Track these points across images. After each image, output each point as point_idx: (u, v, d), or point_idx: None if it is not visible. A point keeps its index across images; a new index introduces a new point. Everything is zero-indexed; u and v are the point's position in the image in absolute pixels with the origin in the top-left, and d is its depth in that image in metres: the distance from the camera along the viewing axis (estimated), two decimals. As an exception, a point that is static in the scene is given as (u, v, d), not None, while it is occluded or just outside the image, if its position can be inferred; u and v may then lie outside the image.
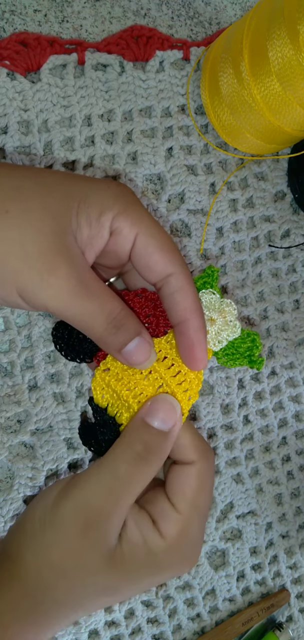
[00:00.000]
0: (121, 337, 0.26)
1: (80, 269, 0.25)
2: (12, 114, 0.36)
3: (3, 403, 0.37)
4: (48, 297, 0.24)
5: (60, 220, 0.25)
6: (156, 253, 0.27)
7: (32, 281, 0.24)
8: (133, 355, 0.27)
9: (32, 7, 0.38)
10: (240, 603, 0.46)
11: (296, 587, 0.48)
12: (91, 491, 0.27)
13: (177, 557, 0.29)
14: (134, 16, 0.41)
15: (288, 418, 0.48)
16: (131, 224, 0.26)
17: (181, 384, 0.30)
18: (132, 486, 0.27)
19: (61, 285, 0.24)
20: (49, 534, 0.27)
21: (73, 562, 0.27)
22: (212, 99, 0.40)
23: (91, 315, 0.25)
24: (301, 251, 0.48)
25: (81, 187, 0.26)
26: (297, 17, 0.32)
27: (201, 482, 0.29)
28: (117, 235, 0.26)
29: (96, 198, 0.26)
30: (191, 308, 0.27)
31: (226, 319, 0.30)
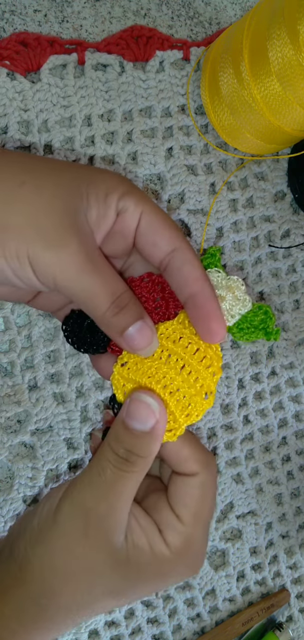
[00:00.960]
0: (123, 319, 0.27)
1: (89, 247, 0.26)
2: (12, 114, 0.37)
3: (3, 403, 0.37)
4: (58, 271, 0.25)
5: (71, 199, 0.26)
6: (160, 229, 0.27)
7: (44, 254, 0.25)
8: (135, 339, 0.27)
9: (32, 7, 0.38)
10: (240, 603, 0.46)
11: (296, 587, 0.48)
12: (86, 494, 0.27)
13: (182, 565, 0.29)
14: (134, 16, 0.41)
15: (288, 418, 0.48)
16: (136, 203, 0.27)
17: (203, 360, 0.29)
18: (121, 489, 0.27)
19: (71, 259, 0.25)
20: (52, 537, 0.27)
21: (77, 565, 0.27)
22: (212, 99, 0.40)
23: (96, 292, 0.26)
24: (301, 251, 0.48)
25: (87, 171, 0.27)
26: (297, 17, 0.32)
27: (204, 493, 0.29)
28: (123, 213, 0.27)
29: (103, 180, 0.27)
30: (201, 279, 0.28)
31: (236, 294, 0.30)
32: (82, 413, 0.39)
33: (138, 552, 0.27)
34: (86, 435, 0.40)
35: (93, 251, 0.26)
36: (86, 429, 0.39)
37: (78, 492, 0.28)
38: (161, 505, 0.29)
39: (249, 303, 0.30)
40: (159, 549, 0.28)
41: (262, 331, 0.30)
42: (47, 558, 0.27)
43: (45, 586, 0.27)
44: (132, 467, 0.27)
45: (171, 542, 0.28)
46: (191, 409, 0.29)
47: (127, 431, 0.27)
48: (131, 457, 0.27)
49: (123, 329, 0.27)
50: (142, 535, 0.28)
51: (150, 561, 0.28)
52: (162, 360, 0.29)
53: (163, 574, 0.28)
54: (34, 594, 0.27)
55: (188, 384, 0.29)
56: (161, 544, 0.28)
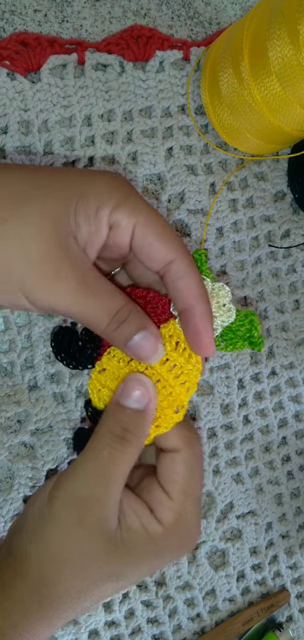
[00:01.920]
0: (124, 332, 0.27)
1: (81, 269, 0.26)
2: (12, 114, 0.36)
3: (3, 403, 0.37)
4: (53, 300, 0.25)
5: (59, 224, 0.25)
6: (155, 241, 0.27)
7: (36, 286, 0.25)
8: (139, 348, 0.27)
9: (32, 7, 0.38)
10: (240, 603, 0.46)
11: (296, 587, 0.48)
12: (79, 480, 0.28)
13: (176, 541, 0.30)
14: (134, 16, 0.41)
15: (288, 418, 0.48)
16: (128, 216, 0.26)
17: (179, 377, 0.29)
18: (117, 468, 0.28)
19: (64, 287, 0.25)
20: (48, 529, 0.28)
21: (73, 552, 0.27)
22: (212, 99, 0.40)
23: (94, 313, 0.26)
24: (301, 251, 0.48)
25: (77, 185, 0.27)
26: (297, 17, 0.32)
27: (189, 469, 0.30)
28: (116, 228, 0.26)
29: (93, 194, 0.26)
30: (195, 294, 0.28)
31: (219, 303, 0.29)
32: (82, 413, 0.39)
33: (132, 534, 0.28)
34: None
35: (86, 273, 0.26)
36: (86, 429, 0.40)
37: (71, 481, 0.28)
38: (151, 486, 0.30)
39: (234, 313, 0.30)
40: (152, 528, 0.28)
41: (247, 341, 0.30)
42: (43, 549, 0.27)
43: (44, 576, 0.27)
44: (127, 446, 0.28)
45: (162, 519, 0.29)
46: (161, 421, 0.30)
47: (123, 410, 0.28)
48: (127, 435, 0.28)
49: (126, 340, 0.27)
50: (135, 517, 0.28)
51: (144, 541, 0.28)
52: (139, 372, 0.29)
53: (158, 551, 0.29)
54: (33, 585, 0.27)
55: (161, 397, 0.29)
56: (154, 522, 0.28)
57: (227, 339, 0.30)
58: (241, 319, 0.30)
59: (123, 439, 0.28)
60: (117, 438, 0.28)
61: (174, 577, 0.43)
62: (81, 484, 0.28)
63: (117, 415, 0.28)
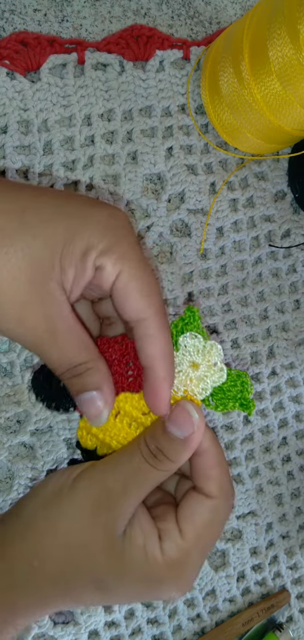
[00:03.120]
0: (76, 385, 0.28)
1: (54, 318, 0.26)
2: (11, 114, 0.36)
3: (3, 403, 0.37)
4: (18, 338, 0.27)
5: (40, 268, 0.26)
6: (131, 296, 0.27)
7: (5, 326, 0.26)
8: (84, 405, 0.28)
9: (32, 6, 0.38)
10: (240, 603, 0.46)
11: (296, 587, 0.48)
12: (107, 473, 0.28)
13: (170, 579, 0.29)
14: (134, 16, 0.41)
15: (288, 418, 0.48)
16: (114, 262, 0.26)
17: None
18: (143, 479, 0.28)
19: (28, 333, 0.26)
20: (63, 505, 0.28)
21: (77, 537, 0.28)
22: (212, 99, 0.40)
23: (53, 360, 0.27)
24: (301, 251, 0.48)
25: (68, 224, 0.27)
26: (297, 17, 0.32)
27: (214, 519, 0.30)
28: (100, 270, 0.27)
29: (83, 236, 0.26)
30: (158, 356, 0.28)
31: (210, 362, 0.29)
32: (82, 413, 0.39)
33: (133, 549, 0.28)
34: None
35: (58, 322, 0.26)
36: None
37: (99, 472, 0.29)
38: (167, 516, 0.30)
39: (225, 374, 0.29)
40: (152, 553, 0.28)
41: (238, 402, 0.30)
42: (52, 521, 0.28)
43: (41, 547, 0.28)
44: (158, 464, 0.28)
45: (166, 551, 0.28)
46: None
47: (165, 433, 0.28)
48: (160, 455, 0.28)
49: (77, 392, 0.28)
50: (141, 535, 0.28)
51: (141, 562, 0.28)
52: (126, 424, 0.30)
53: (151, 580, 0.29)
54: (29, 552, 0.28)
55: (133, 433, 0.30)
56: (156, 549, 0.28)
57: (217, 398, 0.30)
58: (232, 380, 0.30)
59: (157, 458, 0.28)
60: (152, 455, 0.28)
61: (174, 577, 0.43)
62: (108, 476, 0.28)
63: (156, 435, 0.29)
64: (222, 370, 0.29)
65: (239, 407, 0.30)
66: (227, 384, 0.30)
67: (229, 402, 0.30)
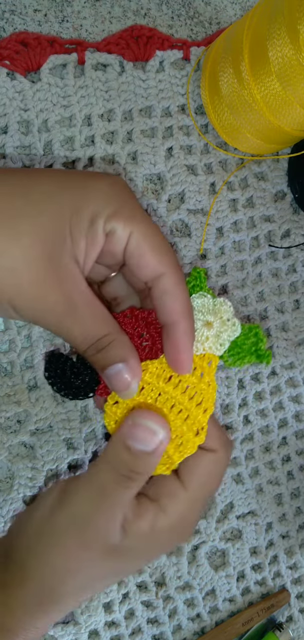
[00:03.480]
0: (102, 360, 0.27)
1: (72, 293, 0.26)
2: (12, 114, 0.36)
3: (3, 403, 0.37)
4: (40, 319, 0.26)
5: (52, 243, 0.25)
6: (147, 253, 0.27)
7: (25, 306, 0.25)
8: (112, 379, 0.27)
9: (32, 6, 0.38)
10: (240, 603, 0.46)
11: (296, 587, 0.48)
12: (82, 500, 0.28)
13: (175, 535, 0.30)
14: (134, 16, 0.41)
15: (288, 418, 0.48)
16: (124, 224, 0.26)
17: (193, 397, 0.29)
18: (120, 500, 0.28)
19: (50, 311, 0.26)
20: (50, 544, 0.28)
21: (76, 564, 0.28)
22: (212, 99, 0.40)
23: (75, 337, 0.27)
24: (301, 251, 0.48)
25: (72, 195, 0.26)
26: (297, 17, 0.32)
27: (216, 470, 0.30)
28: (111, 235, 0.26)
29: (88, 205, 0.26)
30: (179, 311, 0.27)
31: (223, 318, 0.29)
32: (82, 413, 0.39)
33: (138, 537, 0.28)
34: (86, 435, 0.40)
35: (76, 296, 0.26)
36: (86, 429, 0.39)
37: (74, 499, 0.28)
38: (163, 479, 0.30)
39: (238, 326, 0.29)
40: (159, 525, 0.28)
41: (254, 355, 0.30)
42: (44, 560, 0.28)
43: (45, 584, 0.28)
44: (132, 482, 0.28)
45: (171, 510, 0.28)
46: (183, 447, 0.29)
47: (129, 452, 0.27)
48: (132, 474, 0.27)
49: (102, 367, 0.27)
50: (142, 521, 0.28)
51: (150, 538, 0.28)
52: (153, 400, 0.29)
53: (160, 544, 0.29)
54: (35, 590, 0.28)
55: (180, 422, 0.29)
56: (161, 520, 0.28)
57: (234, 354, 0.30)
58: (246, 333, 0.30)
59: (128, 477, 0.27)
60: (122, 477, 0.27)
61: (174, 577, 0.43)
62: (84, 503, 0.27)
63: (122, 455, 0.28)
64: (235, 324, 0.29)
65: (256, 358, 0.30)
66: (241, 338, 0.30)
67: (245, 355, 0.30)
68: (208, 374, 0.29)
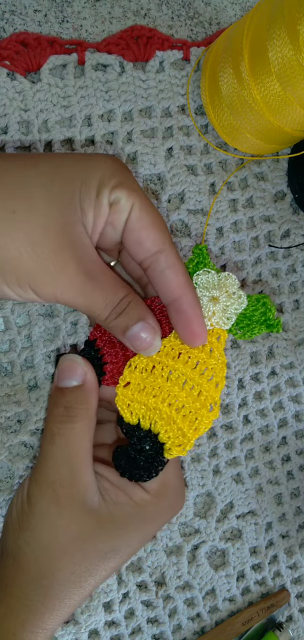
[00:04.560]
0: (123, 322, 0.28)
1: (87, 262, 0.26)
2: (12, 114, 0.37)
3: (3, 403, 0.37)
4: (60, 292, 0.26)
5: (65, 215, 0.26)
6: (148, 227, 0.27)
7: (44, 280, 0.25)
8: (136, 338, 0.28)
9: (32, 7, 0.38)
10: (240, 603, 0.46)
11: (296, 587, 0.48)
12: (46, 468, 0.29)
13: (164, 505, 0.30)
14: (134, 16, 0.41)
15: (288, 418, 0.48)
16: (128, 195, 0.27)
17: (204, 373, 0.29)
18: (74, 444, 0.28)
19: (71, 281, 0.26)
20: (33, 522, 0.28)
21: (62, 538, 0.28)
22: (212, 99, 0.40)
23: (96, 306, 0.27)
24: (301, 251, 0.48)
25: (79, 168, 0.27)
26: (297, 17, 0.32)
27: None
28: (115, 205, 0.27)
29: (95, 176, 0.27)
30: (183, 284, 0.28)
31: (229, 292, 0.29)
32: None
33: (120, 508, 0.29)
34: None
35: (92, 265, 0.26)
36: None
37: (40, 471, 0.29)
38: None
39: (245, 298, 0.29)
40: (139, 497, 0.29)
41: (264, 324, 0.29)
42: (35, 541, 0.28)
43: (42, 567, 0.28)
44: (75, 421, 0.28)
45: (148, 487, 0.29)
46: (198, 423, 0.29)
47: (62, 392, 0.29)
48: (71, 410, 0.28)
49: (124, 329, 0.28)
50: (119, 490, 0.29)
51: (134, 511, 0.29)
52: (164, 378, 0.29)
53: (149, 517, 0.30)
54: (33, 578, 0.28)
55: (192, 399, 0.28)
56: (140, 492, 0.29)
57: (243, 326, 0.30)
58: (253, 304, 0.29)
59: (68, 416, 0.28)
60: (63, 418, 0.28)
61: (174, 577, 0.43)
62: (48, 471, 0.28)
63: (58, 399, 0.29)
64: (242, 296, 0.29)
65: (266, 328, 0.30)
66: (249, 310, 0.29)
67: (255, 326, 0.29)
68: (217, 348, 0.29)
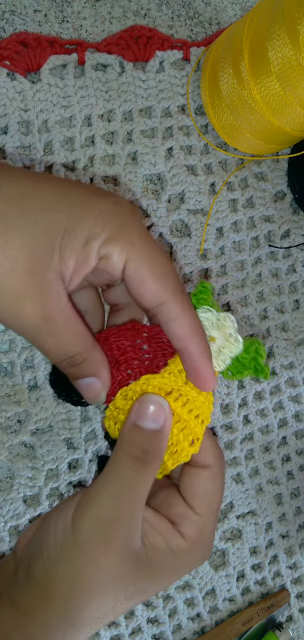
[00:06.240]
0: (74, 374, 0.28)
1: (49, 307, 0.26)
2: (12, 114, 0.37)
3: (3, 403, 0.37)
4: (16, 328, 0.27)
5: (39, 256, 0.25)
6: (147, 280, 0.26)
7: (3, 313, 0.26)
8: (82, 389, 0.29)
9: (32, 7, 0.38)
10: (240, 603, 0.46)
11: (296, 587, 0.48)
12: (103, 505, 0.28)
13: (197, 555, 0.30)
14: (134, 16, 0.41)
15: (288, 418, 0.48)
16: (121, 250, 0.26)
17: (192, 411, 0.29)
18: (140, 489, 0.28)
19: (25, 322, 0.26)
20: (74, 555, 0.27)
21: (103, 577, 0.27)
22: (212, 99, 0.40)
23: (49, 349, 0.27)
24: (301, 251, 0.48)
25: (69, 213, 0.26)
26: (297, 17, 0.32)
27: (216, 485, 0.30)
28: (107, 259, 0.26)
29: (84, 225, 0.26)
30: (188, 335, 0.27)
31: (226, 334, 0.29)
32: (82, 413, 0.39)
33: (157, 554, 0.28)
34: (86, 435, 0.40)
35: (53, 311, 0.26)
36: (86, 429, 0.39)
37: (96, 506, 0.28)
38: (173, 500, 0.30)
39: (241, 343, 0.29)
40: (176, 544, 0.29)
41: (252, 369, 0.30)
42: (71, 575, 0.27)
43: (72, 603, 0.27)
44: (147, 467, 0.28)
45: (186, 533, 0.29)
46: (177, 455, 0.30)
47: (140, 432, 0.28)
48: (147, 456, 0.28)
49: (75, 378, 0.28)
50: (158, 536, 0.28)
51: (169, 557, 0.28)
52: None
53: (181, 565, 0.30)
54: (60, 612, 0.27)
55: (176, 431, 0.29)
56: (178, 539, 0.29)
57: (233, 367, 0.30)
58: (246, 347, 0.29)
59: (144, 460, 0.28)
60: (138, 460, 0.28)
61: (174, 577, 0.43)
62: (106, 507, 0.27)
63: (135, 437, 0.28)
64: (238, 340, 0.29)
65: (254, 372, 0.30)
66: (241, 353, 0.29)
67: (244, 369, 0.30)
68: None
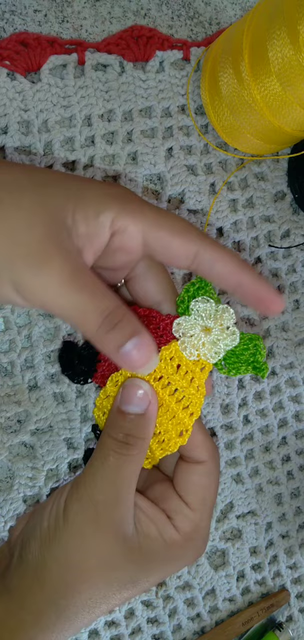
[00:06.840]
0: (118, 336, 0.24)
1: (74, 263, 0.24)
2: (12, 114, 0.37)
3: (3, 403, 0.37)
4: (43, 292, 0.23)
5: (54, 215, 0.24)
6: (172, 242, 0.26)
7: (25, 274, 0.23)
8: (132, 356, 0.25)
9: (32, 7, 0.38)
10: (240, 603, 0.46)
11: (296, 587, 0.48)
12: (92, 486, 0.28)
13: (191, 549, 0.30)
14: (134, 16, 0.41)
15: (288, 418, 0.48)
16: (133, 220, 0.25)
17: (181, 401, 0.29)
18: (125, 472, 0.28)
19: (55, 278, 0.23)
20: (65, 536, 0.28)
21: (93, 560, 0.27)
22: (212, 99, 0.40)
23: (85, 310, 0.24)
24: (301, 251, 0.48)
25: (78, 186, 0.25)
26: (297, 17, 0.32)
27: (210, 481, 0.31)
28: (122, 233, 0.25)
29: (94, 196, 0.25)
30: (237, 268, 0.26)
31: (223, 326, 0.28)
32: (82, 413, 0.39)
33: (150, 541, 0.28)
34: (86, 435, 0.40)
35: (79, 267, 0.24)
36: (86, 429, 0.39)
37: (84, 488, 0.28)
38: (168, 494, 0.30)
39: (237, 337, 0.28)
40: (169, 535, 0.29)
41: (251, 365, 0.29)
42: (63, 557, 0.27)
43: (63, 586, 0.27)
44: (132, 450, 0.28)
45: (180, 528, 0.29)
46: (166, 445, 0.30)
47: (124, 416, 0.28)
48: (130, 439, 0.28)
49: (118, 346, 0.24)
50: (152, 524, 0.29)
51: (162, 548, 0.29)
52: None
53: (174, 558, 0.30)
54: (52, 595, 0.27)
55: (165, 420, 0.29)
56: (171, 530, 0.29)
57: (230, 362, 0.29)
58: (245, 343, 0.29)
59: (127, 443, 0.28)
60: (121, 443, 0.28)
61: (174, 577, 0.43)
62: (93, 489, 0.28)
63: (118, 422, 0.28)
64: (235, 333, 0.28)
65: (252, 370, 0.29)
66: (239, 348, 0.28)
67: (241, 365, 0.29)
68: (198, 379, 0.29)
